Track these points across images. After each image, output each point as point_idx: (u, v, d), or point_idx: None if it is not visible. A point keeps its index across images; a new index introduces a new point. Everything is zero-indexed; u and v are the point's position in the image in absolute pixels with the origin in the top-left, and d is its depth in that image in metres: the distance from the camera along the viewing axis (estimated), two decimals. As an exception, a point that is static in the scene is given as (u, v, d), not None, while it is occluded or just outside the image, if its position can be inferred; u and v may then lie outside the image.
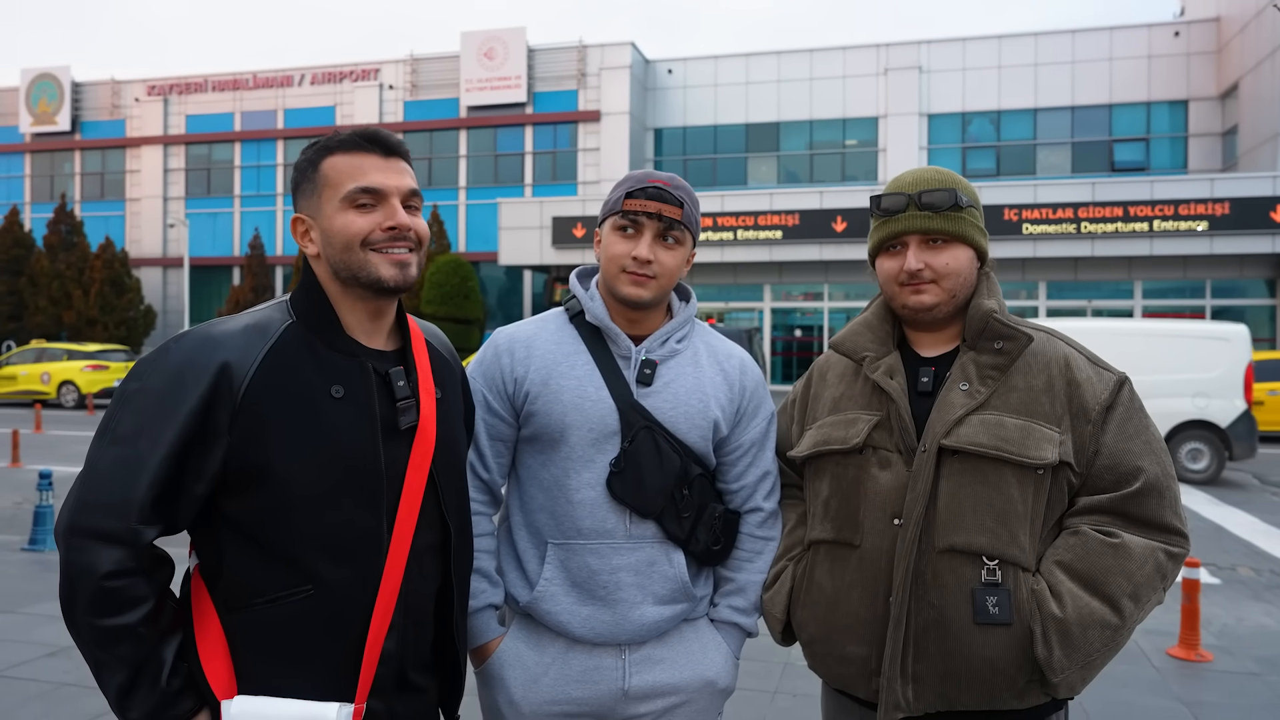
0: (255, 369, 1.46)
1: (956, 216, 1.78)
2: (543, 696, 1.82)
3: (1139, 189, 21.25)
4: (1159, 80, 26.51)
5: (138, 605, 1.39)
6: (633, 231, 1.83)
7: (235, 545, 1.48)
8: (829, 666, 1.82)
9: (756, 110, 29.20)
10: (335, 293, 1.59)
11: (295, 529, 1.47)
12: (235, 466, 1.44)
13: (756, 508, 1.94)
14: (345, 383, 1.53)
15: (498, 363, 1.88)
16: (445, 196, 30.65)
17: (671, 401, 1.84)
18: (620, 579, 1.80)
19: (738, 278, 24.91)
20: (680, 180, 1.87)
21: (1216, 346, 10.72)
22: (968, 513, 1.68)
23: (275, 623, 1.47)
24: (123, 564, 1.37)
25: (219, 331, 1.50)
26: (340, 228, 1.54)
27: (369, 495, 1.52)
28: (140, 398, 1.44)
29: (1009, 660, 1.64)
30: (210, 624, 1.49)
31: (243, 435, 1.44)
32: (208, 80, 33.59)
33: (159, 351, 1.48)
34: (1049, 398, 1.72)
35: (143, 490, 1.39)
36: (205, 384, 1.43)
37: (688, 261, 1.90)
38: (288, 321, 1.55)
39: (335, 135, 1.59)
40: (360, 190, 1.54)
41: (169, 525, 1.44)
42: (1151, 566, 1.66)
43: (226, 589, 1.49)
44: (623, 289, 1.83)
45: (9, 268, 30.18)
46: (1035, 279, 23.01)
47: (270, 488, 1.45)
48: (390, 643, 1.54)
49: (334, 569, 1.48)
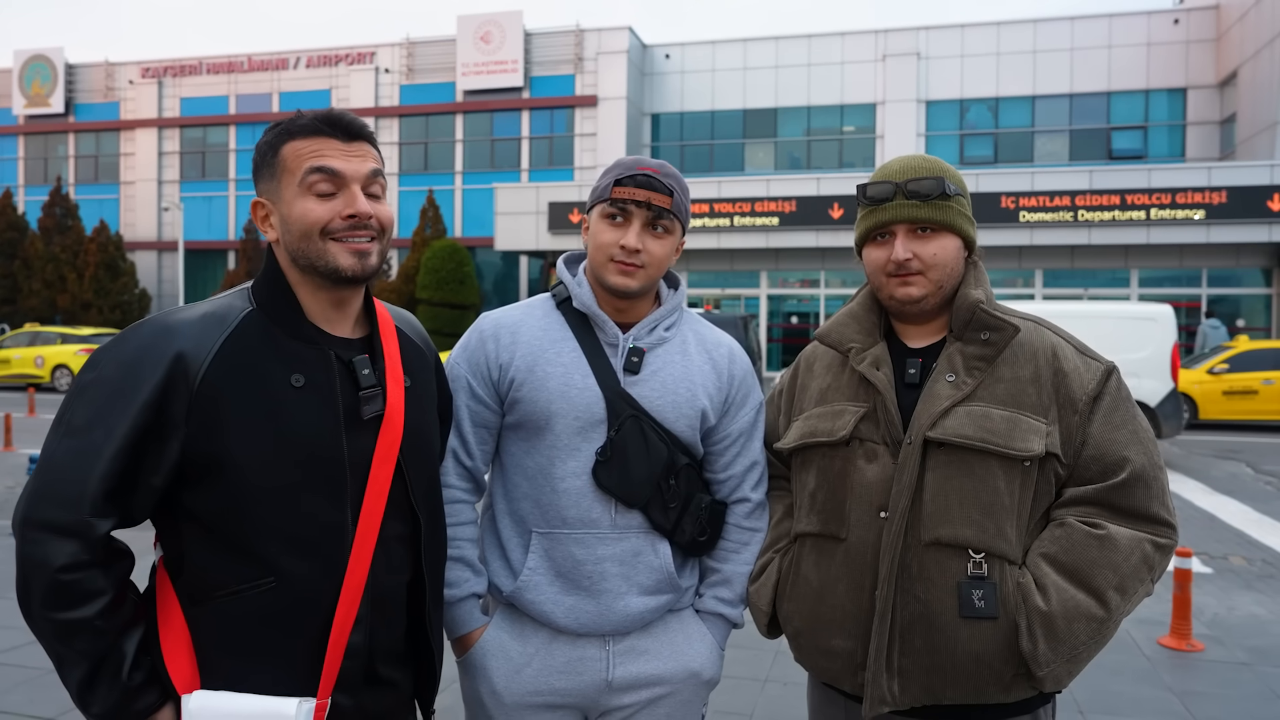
0: (211, 358, 1.44)
1: (944, 205, 1.75)
2: (526, 687, 1.80)
3: (1136, 177, 21.20)
4: (1158, 68, 26.43)
5: (94, 598, 1.37)
6: (621, 220, 1.80)
7: (196, 537, 1.46)
8: (815, 660, 1.81)
9: (754, 96, 29.08)
10: (296, 279, 1.56)
11: (256, 521, 1.44)
12: (193, 458, 1.42)
13: (744, 498, 1.92)
14: (306, 371, 1.50)
15: (483, 348, 1.86)
16: (441, 181, 30.53)
17: (659, 390, 1.82)
18: (605, 569, 1.79)
19: (734, 264, 24.86)
20: (670, 168, 1.84)
21: (1145, 327, 10.95)
22: (954, 506, 1.66)
23: (237, 616, 1.45)
24: (77, 557, 1.35)
25: (175, 320, 1.47)
26: (299, 215, 1.51)
27: (332, 486, 1.49)
28: (95, 388, 1.42)
29: (995, 654, 1.63)
30: (174, 617, 1.47)
31: (200, 426, 1.42)
32: (202, 63, 33.36)
33: (115, 340, 1.46)
34: (1036, 388, 1.70)
35: (96, 482, 1.36)
36: (160, 374, 1.40)
37: (677, 250, 1.88)
38: (247, 309, 1.52)
39: (296, 118, 1.55)
40: (316, 171, 1.50)
41: (124, 517, 1.41)
42: (1138, 558, 1.65)
43: (189, 581, 1.47)
44: (610, 278, 1.80)
45: (3, 251, 30.03)
46: (1032, 267, 22.98)
47: (229, 480, 1.43)
48: (357, 636, 1.52)
49: (296, 561, 1.46)
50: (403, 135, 31.19)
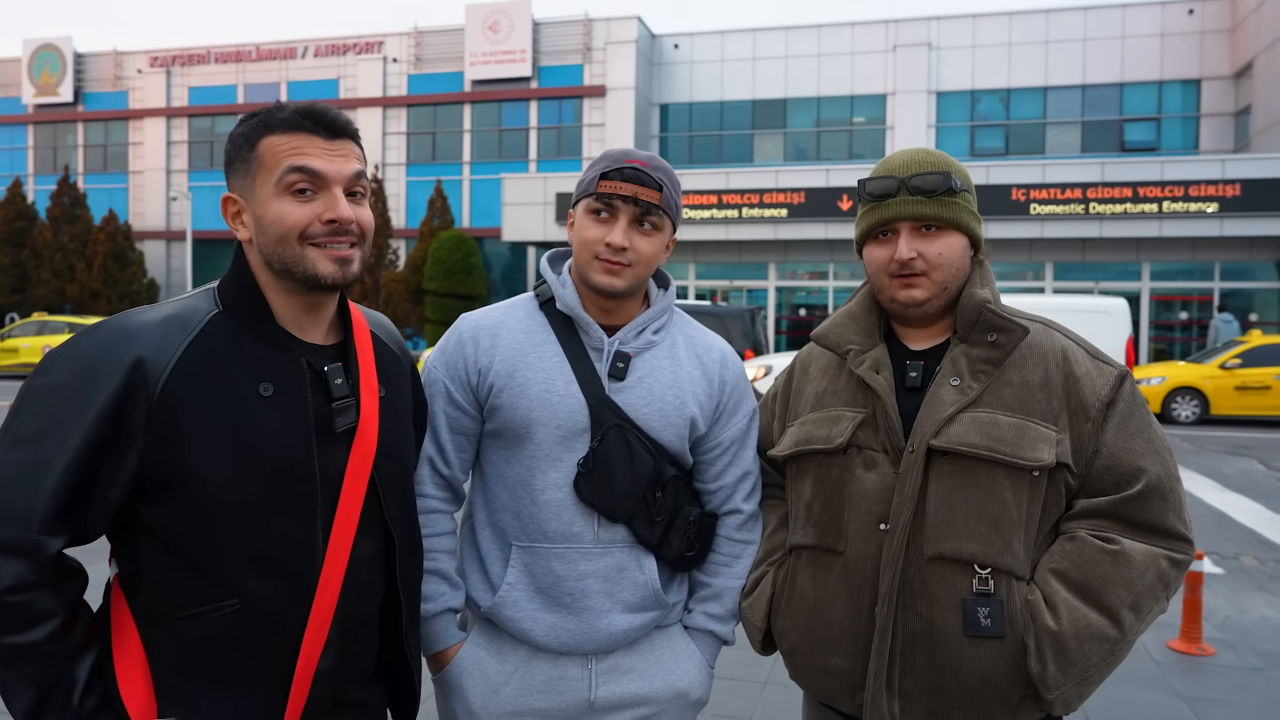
0: (173, 364, 1.34)
1: (950, 202, 1.66)
2: (504, 707, 1.72)
3: (1149, 169, 20.98)
4: (1171, 59, 26.13)
5: (43, 621, 1.27)
6: (607, 215, 1.70)
7: (154, 554, 1.37)
8: (811, 679, 1.72)
9: (763, 86, 28.87)
10: (267, 282, 1.46)
11: (219, 539, 1.35)
12: (152, 471, 1.33)
13: (735, 509, 1.83)
14: (275, 380, 1.40)
15: (461, 351, 1.76)
16: (449, 171, 30.41)
17: (645, 398, 1.73)
18: (587, 585, 1.70)
19: (742, 256, 24.72)
20: (660, 160, 1.74)
21: (1100, 320, 11.09)
22: (958, 518, 1.58)
23: (198, 639, 1.36)
24: (24, 577, 1.25)
25: (135, 323, 1.36)
26: (275, 217, 1.40)
27: (301, 503, 1.40)
28: (45, 395, 1.31)
29: (1001, 675, 1.55)
30: (129, 639, 1.37)
31: (159, 437, 1.32)
32: (210, 52, 33.30)
33: (69, 344, 1.35)
34: (1046, 394, 1.62)
35: (46, 497, 1.27)
36: (117, 381, 1.30)
37: (667, 248, 1.78)
38: (213, 312, 1.42)
39: (276, 109, 1.44)
40: (295, 170, 1.39)
41: (78, 534, 1.32)
42: (1153, 575, 1.56)
43: (146, 601, 1.38)
44: (595, 277, 1.71)
45: (12, 240, 30.08)
46: (1042, 260, 22.80)
47: (191, 494, 1.34)
48: (326, 661, 1.42)
49: (262, 583, 1.37)
50: (410, 125, 31.08)
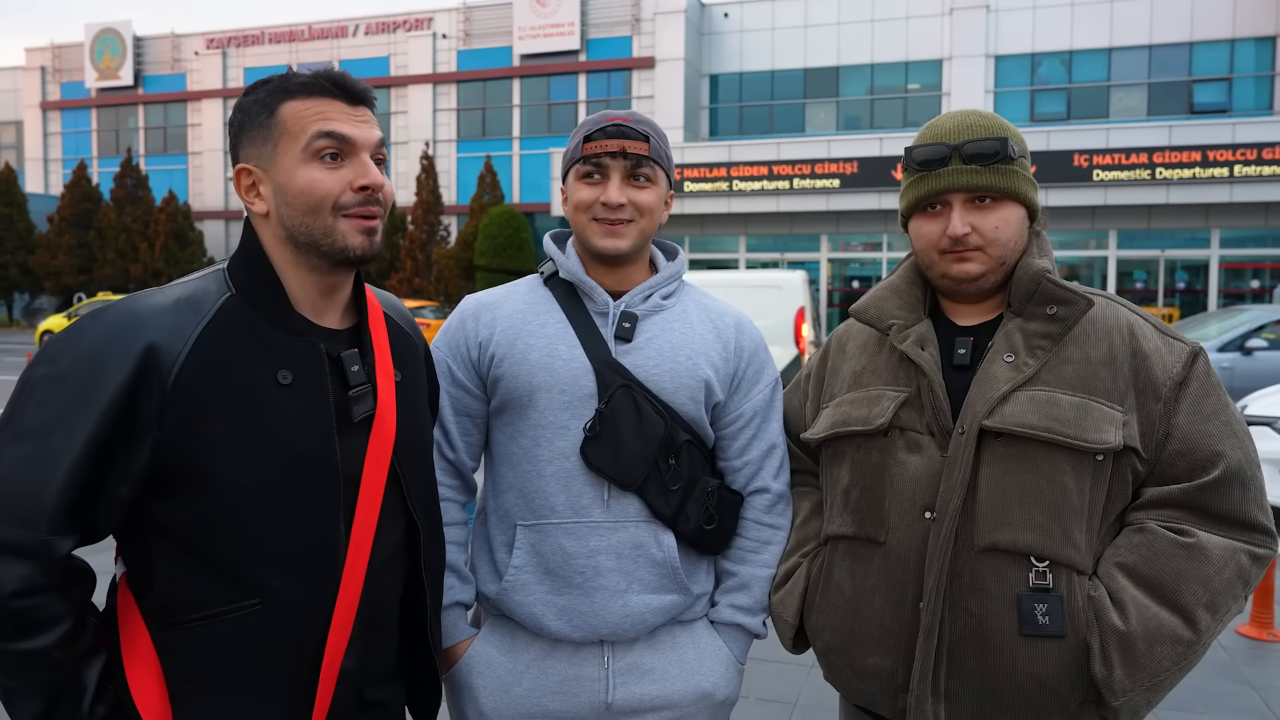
0: (188, 351, 1.25)
1: (1007, 170, 1.51)
2: (515, 709, 1.64)
3: (1220, 132, 20.17)
4: (1244, 15, 24.97)
5: (52, 626, 1.20)
6: (599, 177, 1.63)
7: (168, 553, 1.29)
8: (848, 680, 1.60)
9: (815, 54, 28.28)
10: (284, 260, 1.37)
11: (237, 535, 1.28)
12: (166, 465, 1.24)
13: (763, 488, 1.72)
14: (293, 367, 1.32)
15: (462, 329, 1.70)
16: (499, 147, 30.43)
17: (655, 358, 1.63)
18: (599, 563, 1.60)
19: (794, 228, 24.38)
20: (643, 115, 1.67)
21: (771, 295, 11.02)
22: (1013, 505, 1.44)
23: (216, 641, 1.29)
24: (32, 580, 1.18)
25: (143, 307, 1.27)
26: (305, 185, 1.32)
27: (323, 496, 1.33)
28: (50, 385, 1.22)
29: (1060, 679, 1.41)
30: (140, 642, 1.30)
31: (174, 429, 1.24)
32: (264, 32, 33.69)
33: (72, 330, 1.26)
34: (1110, 371, 1.47)
35: (54, 495, 1.18)
36: (128, 369, 1.21)
37: (666, 203, 1.69)
38: (225, 295, 1.33)
39: (292, 75, 1.35)
40: (325, 135, 1.32)
41: (88, 534, 1.24)
42: (1232, 571, 1.41)
43: (158, 602, 1.30)
44: (596, 241, 1.63)
45: (78, 221, 30.91)
46: (1105, 228, 22.10)
47: (208, 489, 1.26)
48: (349, 659, 1.36)
49: (284, 580, 1.30)
50: (460, 101, 31.13)
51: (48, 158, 36.73)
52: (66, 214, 30.84)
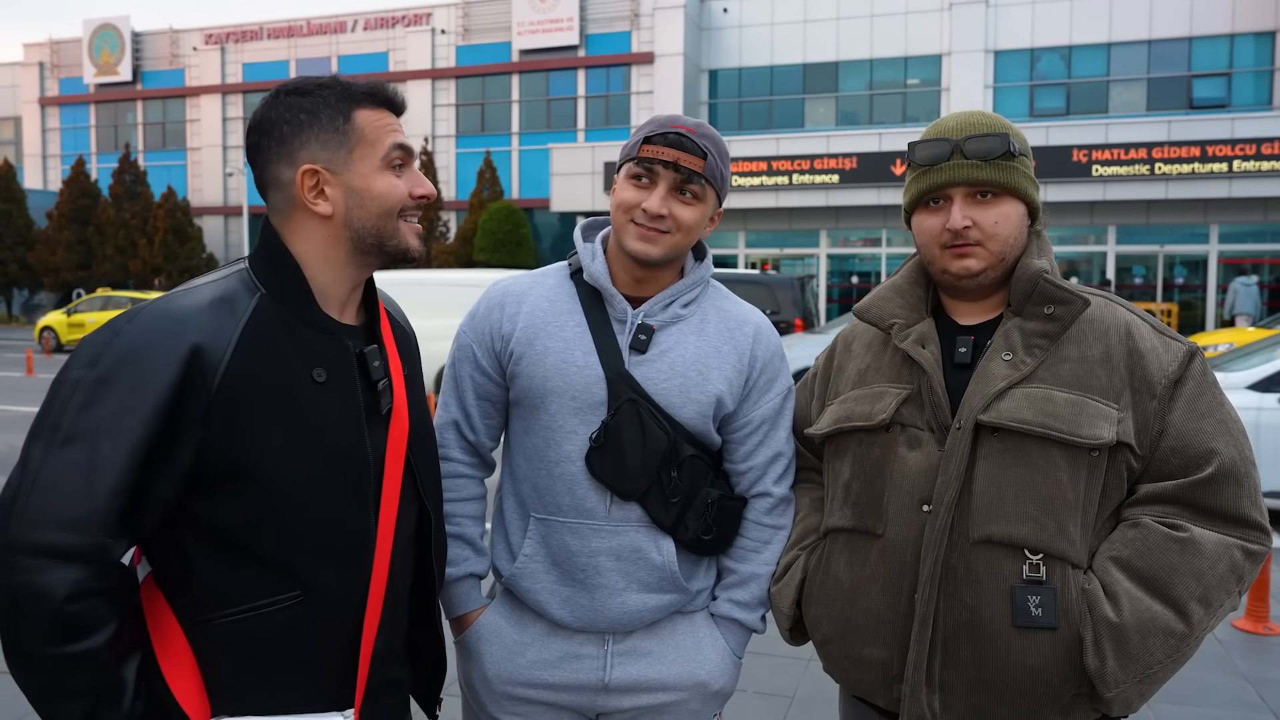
0: (231, 351, 1.26)
1: (1008, 166, 1.54)
2: (518, 677, 1.70)
3: (1219, 127, 20.18)
4: (1244, 10, 24.97)
5: (101, 628, 1.21)
6: (647, 181, 1.62)
7: (205, 551, 1.30)
8: (845, 670, 1.63)
9: (814, 49, 28.29)
10: (327, 258, 1.40)
11: (284, 531, 1.31)
12: (210, 464, 1.26)
13: (765, 492, 1.75)
14: (326, 365, 1.36)
15: (488, 317, 1.73)
16: (498, 142, 30.45)
17: (666, 372, 1.65)
18: (599, 563, 1.65)
19: (793, 223, 24.39)
20: (708, 128, 1.65)
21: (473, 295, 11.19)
22: (1008, 499, 1.47)
23: (254, 634, 1.31)
24: (85, 584, 1.18)
25: (180, 308, 1.27)
26: (382, 191, 1.39)
27: (358, 488, 1.38)
28: (93, 388, 1.21)
29: (1053, 670, 1.44)
30: (173, 639, 1.32)
31: (219, 429, 1.25)
32: (263, 28, 33.64)
33: (108, 332, 1.26)
34: (1106, 369, 1.50)
35: (107, 499, 1.19)
36: (175, 371, 1.22)
37: (712, 220, 1.70)
38: (258, 294, 1.35)
39: (353, 83, 1.41)
40: (399, 148, 1.42)
41: (137, 535, 1.26)
42: (1225, 565, 1.44)
43: (192, 598, 1.32)
44: (629, 242, 1.63)
45: (77, 217, 30.90)
46: (1104, 223, 22.12)
47: (255, 486, 1.28)
48: (380, 643, 1.43)
49: (325, 571, 1.34)
50: (459, 97, 31.13)
51: (46, 153, 36.74)
52: (65, 210, 30.83)
